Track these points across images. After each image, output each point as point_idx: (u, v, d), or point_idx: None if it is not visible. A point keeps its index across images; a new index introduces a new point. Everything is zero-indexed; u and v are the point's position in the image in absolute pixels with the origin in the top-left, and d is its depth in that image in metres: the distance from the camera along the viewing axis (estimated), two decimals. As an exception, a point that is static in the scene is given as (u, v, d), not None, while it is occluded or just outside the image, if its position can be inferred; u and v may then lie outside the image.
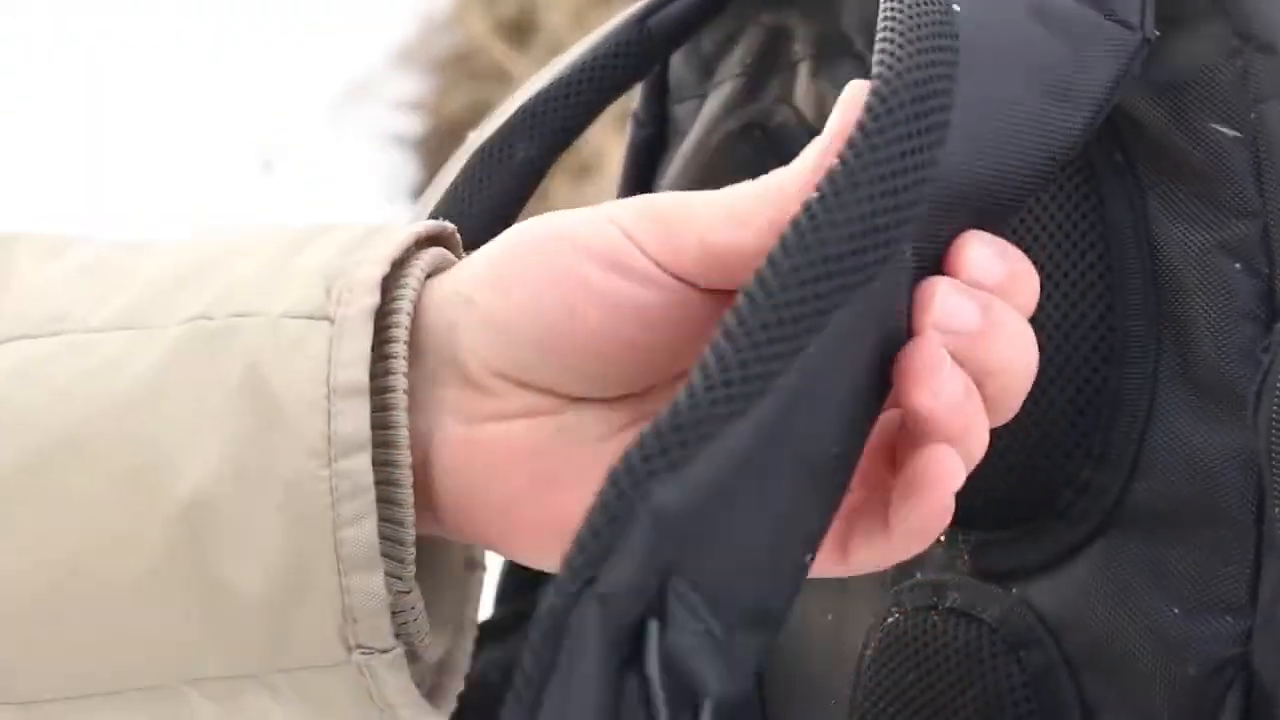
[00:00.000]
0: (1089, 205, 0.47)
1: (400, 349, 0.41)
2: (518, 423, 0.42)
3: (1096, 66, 0.43)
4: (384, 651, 0.41)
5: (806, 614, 0.53)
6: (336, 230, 0.44)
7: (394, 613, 0.42)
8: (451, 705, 0.45)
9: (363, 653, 0.41)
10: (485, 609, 0.66)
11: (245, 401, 0.40)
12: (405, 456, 0.41)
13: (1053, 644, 0.47)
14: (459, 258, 0.46)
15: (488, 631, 0.64)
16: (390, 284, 0.42)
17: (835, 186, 0.36)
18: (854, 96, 0.40)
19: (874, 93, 0.37)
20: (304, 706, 0.42)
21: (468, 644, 0.46)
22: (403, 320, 0.42)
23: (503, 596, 0.66)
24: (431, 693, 0.45)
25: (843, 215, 0.36)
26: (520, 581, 0.66)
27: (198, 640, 0.41)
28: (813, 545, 0.38)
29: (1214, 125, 0.45)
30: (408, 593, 0.42)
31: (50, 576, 0.41)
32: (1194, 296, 0.45)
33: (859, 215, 0.36)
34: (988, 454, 0.40)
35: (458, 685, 0.46)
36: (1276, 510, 0.43)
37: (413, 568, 0.42)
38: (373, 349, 0.41)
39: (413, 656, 0.43)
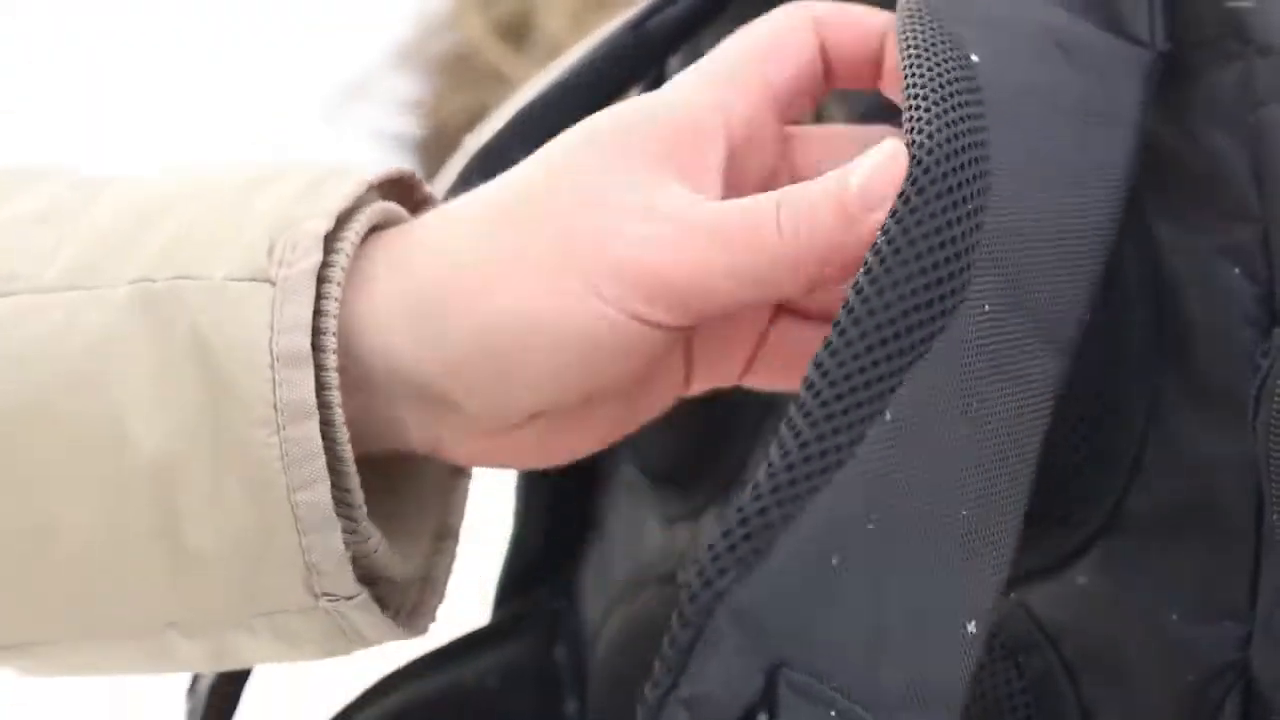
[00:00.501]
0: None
1: (331, 323, 0.41)
2: (503, 438, 0.43)
3: (1122, 88, 0.43)
4: (349, 598, 0.42)
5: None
6: (293, 173, 0.44)
7: (357, 558, 0.42)
8: (432, 620, 0.46)
9: (329, 600, 0.42)
10: (484, 610, 0.66)
11: (194, 369, 0.40)
12: (343, 434, 0.41)
13: (1051, 649, 0.47)
14: (424, 199, 0.47)
15: (487, 636, 0.64)
16: (334, 239, 0.42)
17: (885, 265, 0.37)
18: (888, 161, 0.40)
19: (914, 160, 0.38)
20: (280, 644, 0.43)
21: (450, 556, 0.46)
22: (333, 291, 0.41)
23: (502, 598, 0.66)
24: (413, 610, 0.45)
25: (894, 294, 0.37)
26: (519, 583, 0.66)
27: (169, 596, 0.42)
28: (977, 614, 0.38)
29: (1213, 129, 0.45)
30: (368, 540, 0.42)
31: (20, 538, 0.42)
32: (1193, 300, 0.45)
33: (909, 292, 0.37)
34: None
35: (439, 600, 0.46)
36: (1275, 515, 0.43)
37: (367, 524, 0.42)
38: (318, 312, 0.41)
39: (388, 582, 0.44)
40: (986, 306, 0.39)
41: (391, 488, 0.45)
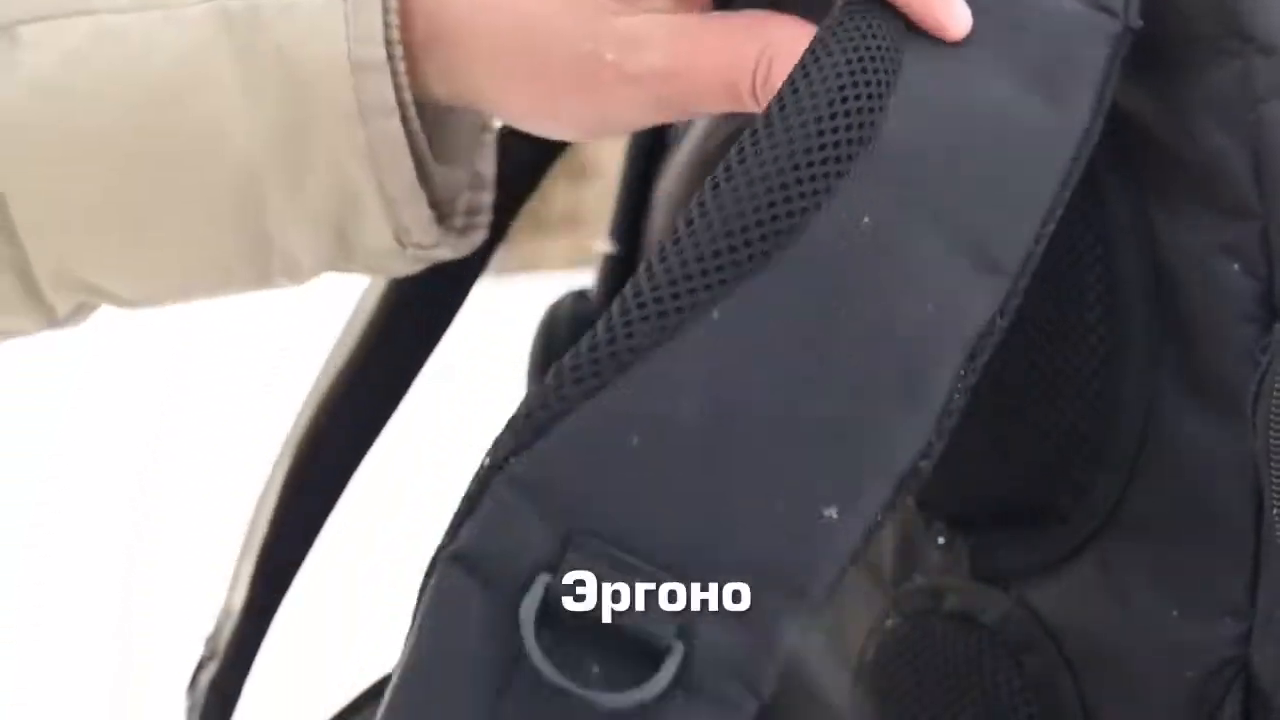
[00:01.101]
0: (1089, 206, 0.47)
1: (395, 34, 0.44)
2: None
3: (1081, 59, 0.43)
4: (433, 246, 0.47)
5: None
6: None
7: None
8: (489, 218, 0.51)
9: (416, 248, 0.47)
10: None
11: (279, 81, 0.44)
12: (416, 124, 0.45)
13: (1053, 647, 0.47)
14: None
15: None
16: None
17: (731, 176, 0.38)
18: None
19: (801, 65, 0.40)
20: (370, 270, 0.50)
21: (491, 148, 0.52)
22: (393, 4, 0.44)
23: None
24: (469, 210, 0.50)
25: (734, 208, 0.38)
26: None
27: (269, 266, 0.47)
28: (841, 501, 0.38)
29: (1213, 127, 0.45)
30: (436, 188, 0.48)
31: (121, 242, 0.46)
32: (1193, 298, 0.45)
33: (749, 209, 0.38)
34: (987, 456, 0.40)
35: (490, 193, 0.51)
36: (1275, 511, 0.43)
37: (436, 176, 0.47)
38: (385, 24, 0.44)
39: (448, 202, 0.49)
40: (866, 219, 0.39)
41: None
